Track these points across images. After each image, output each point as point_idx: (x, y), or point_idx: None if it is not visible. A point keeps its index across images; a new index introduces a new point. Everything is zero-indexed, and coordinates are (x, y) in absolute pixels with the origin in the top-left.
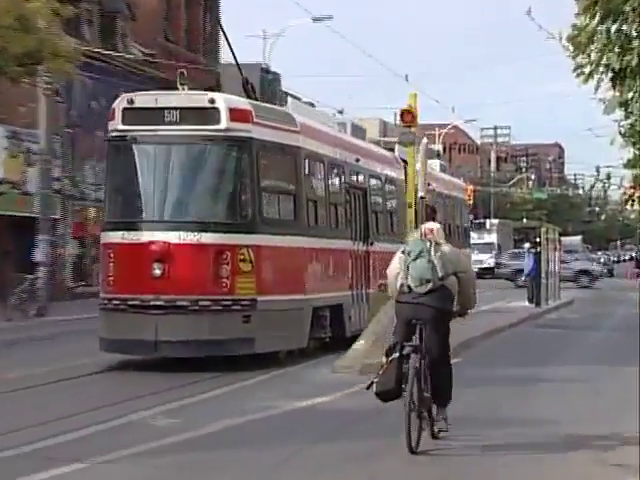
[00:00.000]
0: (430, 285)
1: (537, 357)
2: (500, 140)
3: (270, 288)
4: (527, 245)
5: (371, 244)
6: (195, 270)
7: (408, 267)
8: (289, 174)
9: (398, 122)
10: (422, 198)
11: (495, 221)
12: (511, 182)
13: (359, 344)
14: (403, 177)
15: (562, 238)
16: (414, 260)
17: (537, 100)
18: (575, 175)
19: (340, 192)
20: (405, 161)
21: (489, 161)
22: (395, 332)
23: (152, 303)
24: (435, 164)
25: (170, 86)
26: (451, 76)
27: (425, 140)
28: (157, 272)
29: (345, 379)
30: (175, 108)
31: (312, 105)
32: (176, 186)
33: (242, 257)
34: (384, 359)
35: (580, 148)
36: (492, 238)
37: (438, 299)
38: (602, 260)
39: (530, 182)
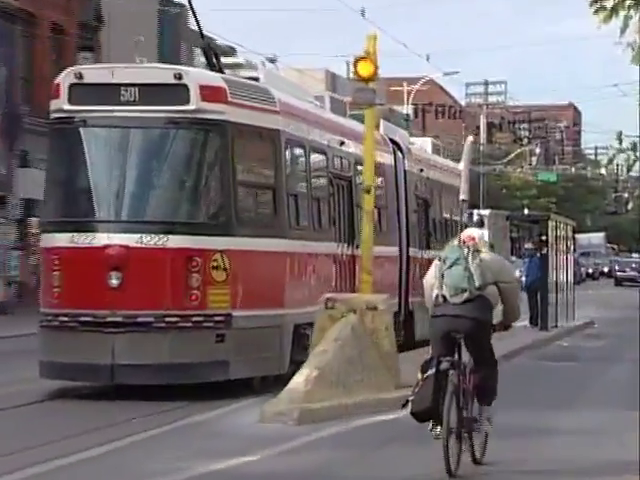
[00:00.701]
0: (466, 295)
1: (544, 400)
2: (492, 100)
3: (247, 301)
4: (528, 245)
5: (357, 247)
6: (159, 280)
7: (443, 275)
8: (268, 163)
9: (351, 75)
10: (464, 201)
11: (485, 212)
12: (507, 158)
13: (297, 382)
14: (393, 163)
15: (578, 236)
16: (449, 268)
17: (543, 45)
18: (596, 149)
19: (323, 183)
20: (395, 143)
21: (477, 129)
22: (431, 346)
23: (108, 320)
24: (426, 143)
25: (30, 20)
26: (425, 11)
27: (471, 139)
28: (114, 282)
29: (278, 431)
30: (134, 85)
31: (233, 50)
32: (136, 179)
33: (215, 264)
34: (419, 375)
35: (602, 111)
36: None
37: (476, 309)
38: (636, 265)
39: (534, 158)
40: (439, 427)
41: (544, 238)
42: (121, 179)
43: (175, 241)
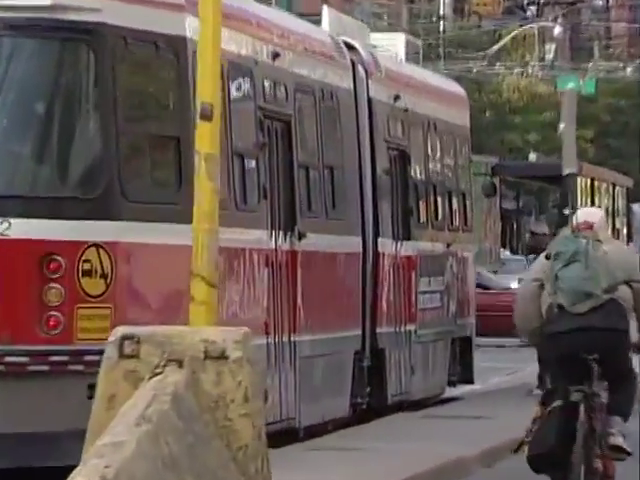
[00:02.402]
0: (592, 301)
1: None
2: None
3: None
4: (536, 228)
5: (300, 237)
6: None
7: (557, 277)
8: (169, 97)
9: None
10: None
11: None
12: (496, 46)
13: None
14: (351, 87)
15: (637, 207)
16: (565, 266)
17: None
18: None
19: (248, 128)
20: (351, 46)
21: None
22: (549, 373)
23: None
24: (398, 43)
25: None
26: None
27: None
28: None
29: None
30: None
31: None
32: None
33: (88, 266)
34: (538, 409)
35: None
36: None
37: (608, 317)
38: None
39: (549, 48)
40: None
41: (567, 211)
42: None
43: (20, 228)
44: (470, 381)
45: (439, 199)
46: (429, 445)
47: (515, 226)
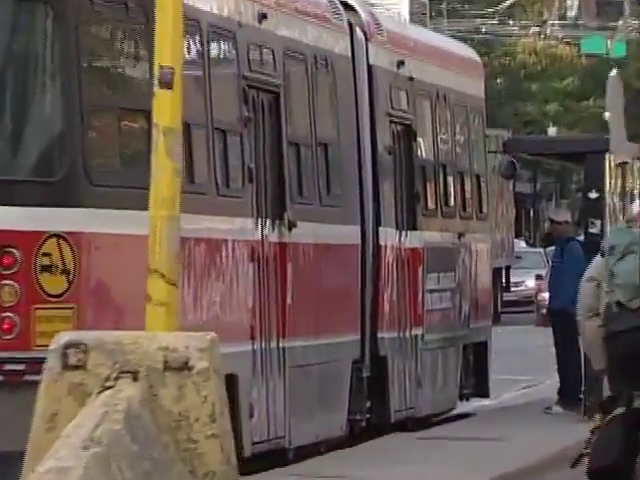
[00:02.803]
0: None
1: None
2: None
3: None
4: (557, 216)
5: (290, 227)
6: None
7: (612, 272)
8: (138, 64)
9: None
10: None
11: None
12: (508, 2)
13: None
14: (348, 53)
15: None
16: (620, 259)
17: None
18: None
19: (231, 101)
20: (348, 6)
21: None
22: (610, 378)
23: None
24: (401, 1)
25: None
26: None
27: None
28: None
29: None
30: None
31: None
32: None
33: (47, 261)
34: (599, 417)
35: None
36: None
37: None
38: None
39: (572, 2)
40: None
41: (594, 195)
42: None
43: None
44: (485, 394)
45: (450, 182)
46: (427, 471)
47: (532, 213)
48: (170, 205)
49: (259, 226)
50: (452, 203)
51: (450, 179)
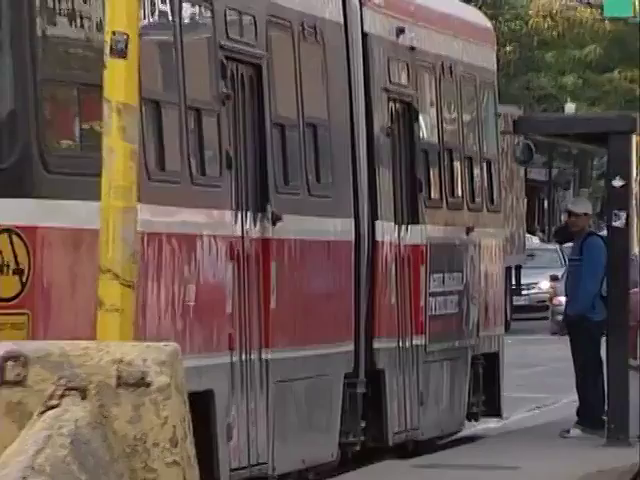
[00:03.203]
0: None
1: None
2: None
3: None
4: (573, 206)
5: (274, 220)
6: None
7: None
8: (102, 33)
9: None
10: None
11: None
12: None
13: None
14: (341, 16)
15: None
16: None
17: None
18: None
19: (206, 75)
20: None
21: None
22: None
23: None
24: None
25: None
26: None
27: None
28: None
29: None
30: None
31: None
32: None
33: None
34: None
35: None
36: None
37: None
38: None
39: None
40: None
41: (619, 183)
42: None
43: None
44: (497, 413)
45: (457, 168)
46: None
47: (546, 203)
48: (125, 195)
49: (239, 220)
50: (459, 192)
51: (457, 165)
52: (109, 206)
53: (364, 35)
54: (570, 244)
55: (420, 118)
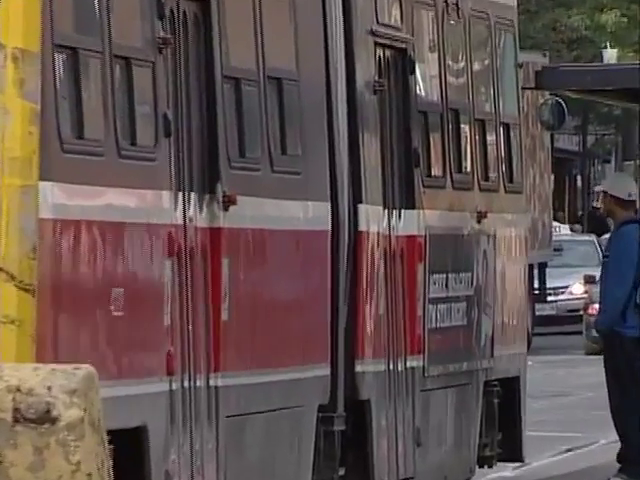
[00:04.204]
0: None
1: None
2: None
3: None
4: (611, 183)
5: (226, 204)
6: None
7: None
8: None
9: None
10: None
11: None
12: None
13: None
14: None
15: None
16: None
17: None
18: None
19: (139, 15)
20: None
21: None
22: None
23: None
24: None
25: None
26: None
27: None
28: None
29: None
30: None
31: None
32: None
33: None
34: None
35: None
36: None
37: None
38: None
39: None
40: None
41: None
42: None
43: None
44: (517, 457)
45: (465, 135)
46: None
47: (579, 181)
48: (24, 170)
49: (180, 203)
50: (468, 167)
51: (466, 131)
52: (2, 185)
53: None
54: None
55: (417, 70)
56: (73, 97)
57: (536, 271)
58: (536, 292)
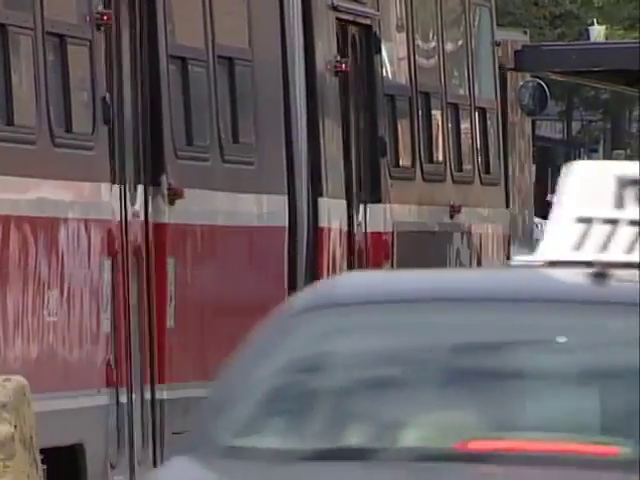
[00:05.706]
0: None
1: None
2: None
3: None
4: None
5: (171, 198)
6: None
7: None
8: None
9: None
10: None
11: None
12: None
13: None
14: None
15: None
16: None
17: None
18: None
19: None
20: None
21: None
22: None
23: None
24: None
25: None
26: None
27: None
28: None
29: None
30: None
31: None
32: None
33: None
34: None
35: None
36: None
37: None
38: None
39: None
40: None
41: None
42: None
43: None
44: None
45: (437, 121)
46: None
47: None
48: None
49: (120, 197)
50: (440, 157)
51: (437, 116)
52: None
53: None
54: None
55: (383, 49)
56: (1, 79)
57: None
58: None
